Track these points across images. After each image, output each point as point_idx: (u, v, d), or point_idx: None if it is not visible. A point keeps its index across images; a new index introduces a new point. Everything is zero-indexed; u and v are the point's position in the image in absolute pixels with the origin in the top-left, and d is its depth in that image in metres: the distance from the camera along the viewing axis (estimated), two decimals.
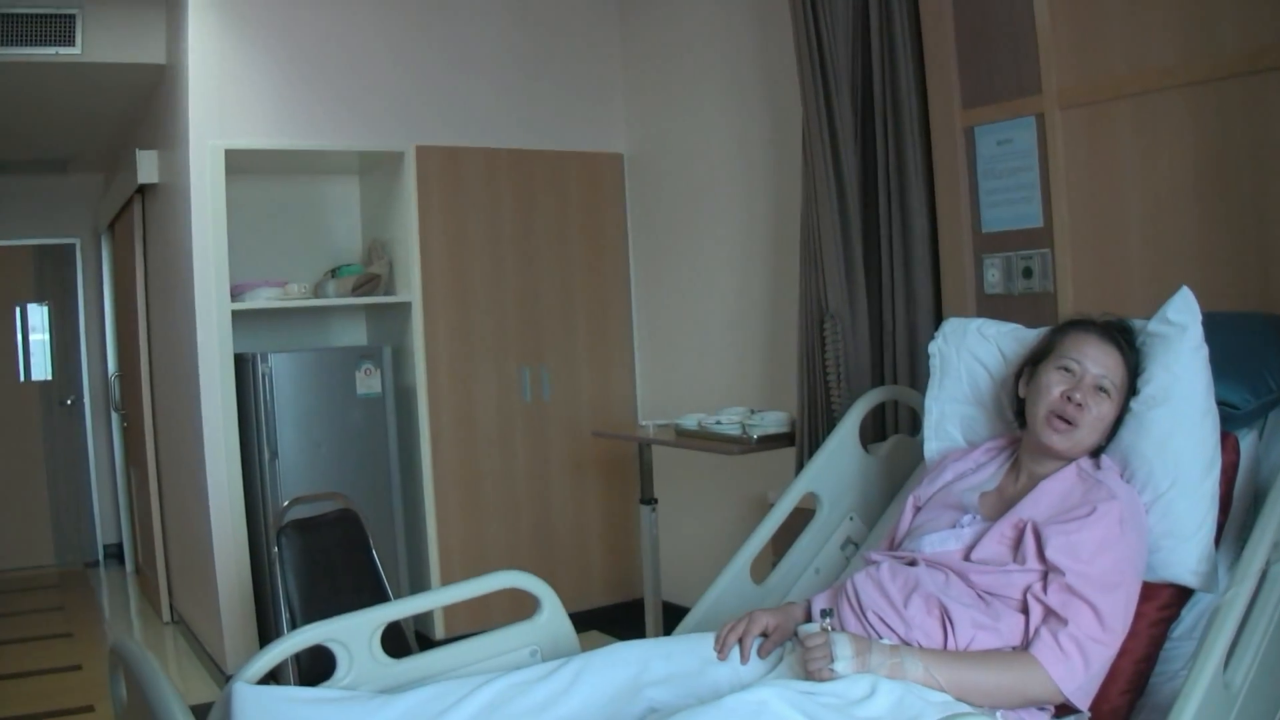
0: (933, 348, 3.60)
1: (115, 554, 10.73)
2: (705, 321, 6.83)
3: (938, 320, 4.64)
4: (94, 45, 6.84)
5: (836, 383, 4.87)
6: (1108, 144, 4.08)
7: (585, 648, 3.11)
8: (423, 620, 6.82)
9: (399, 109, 6.83)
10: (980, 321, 3.55)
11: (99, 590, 9.77)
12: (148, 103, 7.80)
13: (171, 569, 8.16)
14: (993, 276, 4.44)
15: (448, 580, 6.74)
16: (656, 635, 5.66)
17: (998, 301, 4.41)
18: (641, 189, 7.42)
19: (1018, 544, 2.79)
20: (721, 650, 2.89)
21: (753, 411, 5.50)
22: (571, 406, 7.31)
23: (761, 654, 2.88)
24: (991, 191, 4.45)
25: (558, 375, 7.23)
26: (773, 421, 5.25)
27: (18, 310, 10.87)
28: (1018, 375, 3.15)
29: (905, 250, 4.76)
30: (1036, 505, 2.84)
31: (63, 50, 6.75)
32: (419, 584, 6.86)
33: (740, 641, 2.89)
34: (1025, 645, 2.66)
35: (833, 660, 2.58)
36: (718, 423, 5.39)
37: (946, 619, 2.71)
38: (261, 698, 2.63)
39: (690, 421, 5.60)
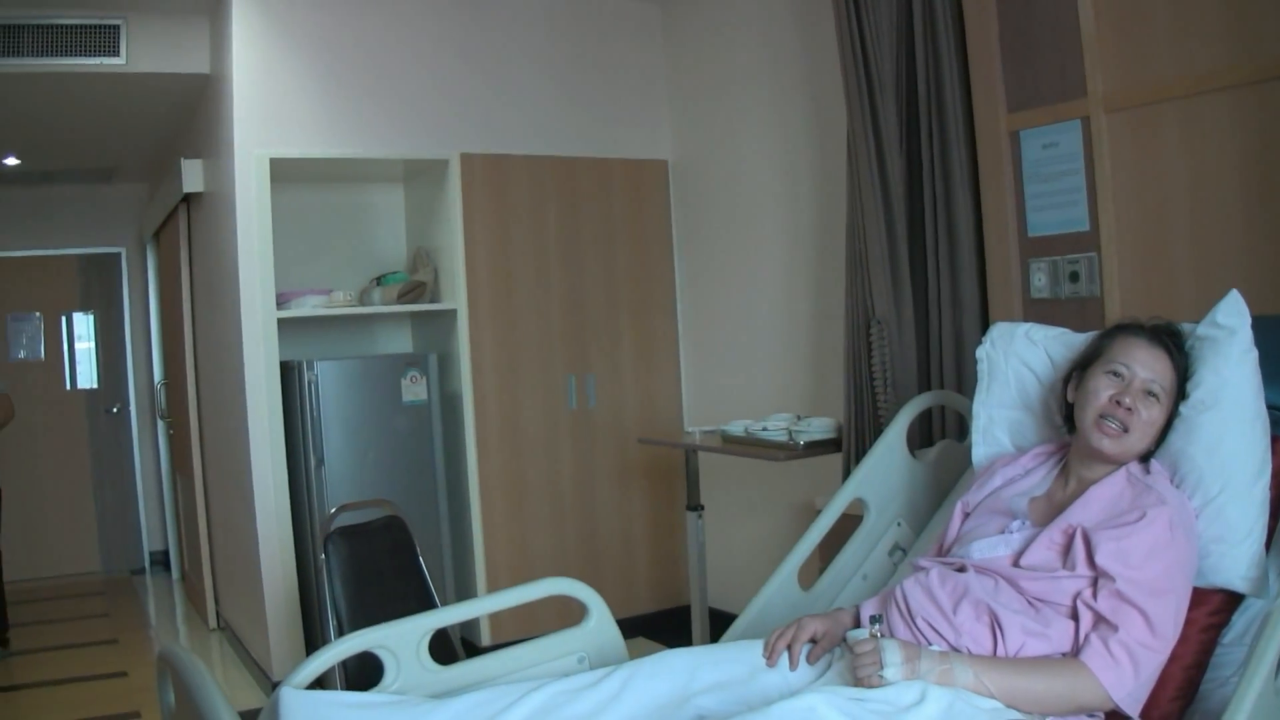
0: (980, 353, 3.58)
1: (161, 561, 10.80)
2: (751, 327, 6.81)
3: (984, 325, 4.62)
4: (138, 55, 6.88)
5: (883, 388, 4.86)
6: (1154, 147, 4.05)
7: (631, 655, 3.11)
8: (469, 627, 6.83)
9: (443, 117, 6.84)
10: (1028, 326, 3.53)
11: (145, 597, 9.83)
12: (192, 112, 7.84)
13: (217, 575, 8.20)
14: (1039, 281, 4.41)
15: (494, 587, 6.75)
16: (703, 642, 5.67)
17: (1044, 306, 4.39)
18: (686, 195, 7.41)
19: (1067, 550, 2.77)
20: (771, 656, 2.88)
21: (799, 418, 5.48)
22: (617, 413, 7.30)
23: (810, 660, 2.86)
24: (1037, 195, 4.42)
25: (603, 382, 7.22)
26: (819, 428, 5.23)
27: (64, 319, 10.94)
28: (1066, 380, 3.13)
29: (951, 255, 4.74)
30: (1086, 511, 2.82)
31: (107, 61, 6.80)
32: (465, 591, 6.87)
33: (789, 648, 2.88)
34: (1075, 652, 2.64)
35: (882, 667, 2.56)
36: (764, 429, 5.35)
37: (996, 625, 2.70)
38: (309, 703, 2.63)
39: (737, 428, 5.57)
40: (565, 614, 3.32)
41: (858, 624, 2.94)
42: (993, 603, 2.73)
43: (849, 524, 3.83)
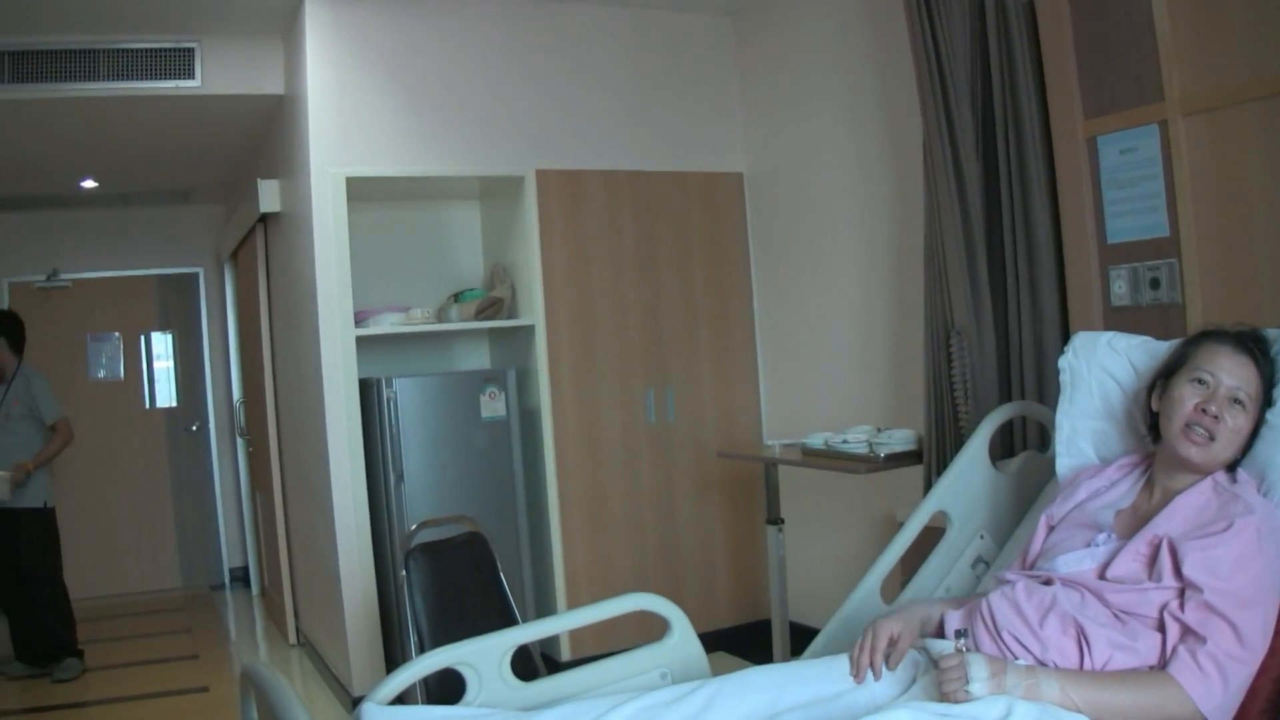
0: (1063, 362, 3.56)
1: (241, 577, 10.91)
2: (829, 339, 6.78)
3: (1064, 334, 4.59)
4: (213, 78, 6.97)
5: (964, 399, 4.81)
6: (1233, 150, 4.00)
7: (712, 670, 3.11)
8: (548, 641, 6.82)
9: (518, 133, 6.87)
10: (1111, 335, 3.51)
11: (225, 613, 9.91)
12: (267, 133, 7.92)
13: (297, 591, 8.26)
14: (1119, 288, 4.37)
15: (574, 602, 6.77)
16: (784, 656, 5.67)
17: (1125, 314, 4.34)
18: (762, 207, 7.39)
19: (1153, 561, 2.74)
20: (857, 674, 2.86)
21: (879, 429, 5.45)
22: (696, 427, 7.28)
23: (890, 666, 2.85)
24: (1116, 201, 4.38)
25: (682, 396, 7.21)
26: (900, 439, 5.20)
27: (143, 339, 11.06)
28: (1150, 389, 3.10)
29: (1030, 263, 4.70)
30: (1172, 521, 2.80)
31: (183, 83, 6.89)
32: (545, 606, 6.88)
33: (873, 661, 2.87)
34: (1162, 665, 2.61)
35: (968, 681, 2.54)
36: (844, 441, 5.32)
37: (1082, 638, 2.68)
38: (393, 718, 2.65)
39: (817, 440, 5.54)
40: (644, 628, 3.32)
41: (941, 634, 2.94)
42: (1079, 616, 2.71)
43: (931, 536, 3.81)
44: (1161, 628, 2.65)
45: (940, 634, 2.95)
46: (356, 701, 2.74)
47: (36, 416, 7.85)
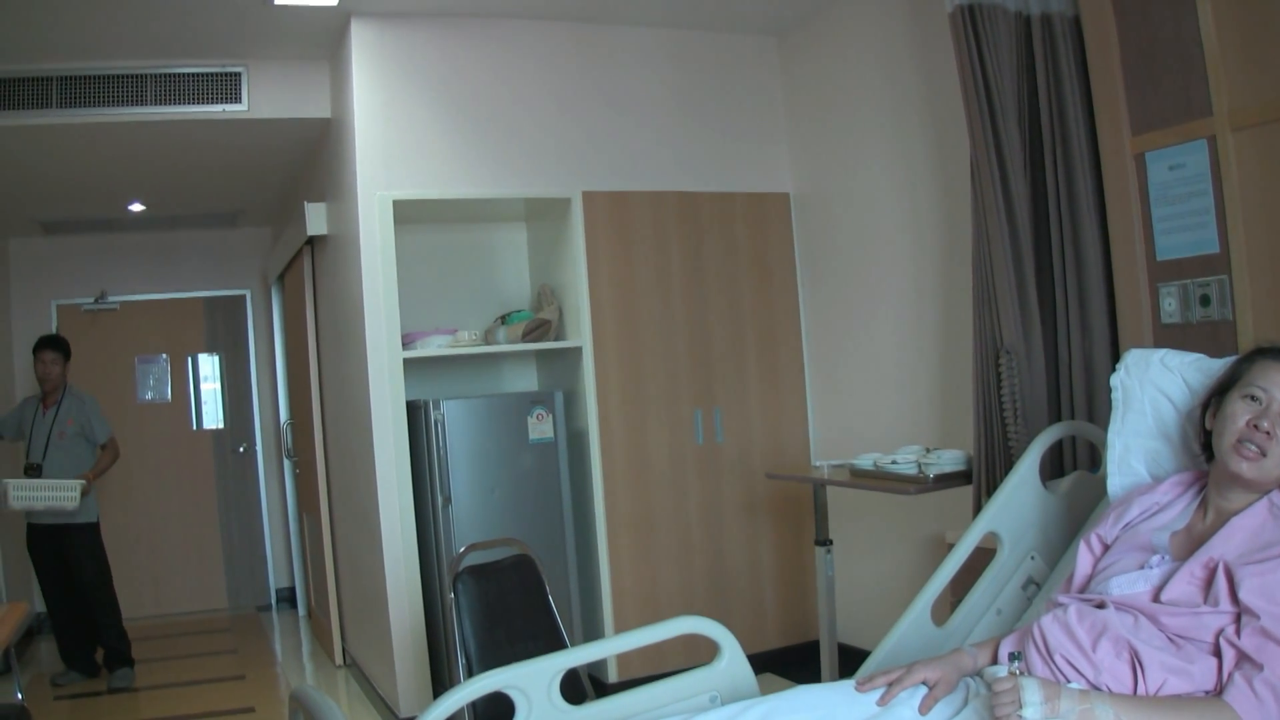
0: (1115, 380, 3.53)
1: (287, 598, 10.96)
2: (878, 359, 6.76)
3: (1114, 352, 4.56)
4: (260, 102, 7.03)
5: (1013, 419, 4.78)
6: None
7: (761, 692, 3.09)
8: (596, 663, 6.80)
9: (564, 155, 6.88)
10: (1163, 352, 3.49)
11: (271, 633, 9.95)
12: (314, 156, 7.97)
13: (344, 613, 8.27)
14: (1169, 306, 4.34)
15: (621, 623, 6.76)
16: (832, 678, 5.63)
17: (1175, 331, 4.30)
18: (809, 228, 7.38)
19: (1208, 584, 2.71)
20: (864, 685, 2.89)
21: (929, 450, 5.41)
22: (744, 448, 7.26)
23: (922, 710, 2.83)
24: (1165, 218, 4.34)
25: (730, 417, 7.19)
26: (949, 460, 5.15)
27: (190, 361, 11.14)
28: (1204, 407, 3.08)
29: (1079, 281, 4.68)
30: (1228, 544, 2.77)
31: (230, 107, 6.95)
32: (592, 628, 6.88)
33: (890, 690, 2.86)
34: (1218, 690, 2.58)
35: (1021, 706, 2.51)
36: (893, 462, 5.27)
37: (1136, 662, 2.64)
38: None
39: (866, 461, 5.49)
40: (692, 649, 3.32)
41: (994, 660, 2.92)
42: (1133, 639, 2.68)
43: (981, 558, 3.79)
44: (1217, 652, 2.62)
45: (993, 660, 2.94)
46: None
47: (88, 436, 8.14)
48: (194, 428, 11.15)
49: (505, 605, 4.87)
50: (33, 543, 8.19)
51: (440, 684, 6.44)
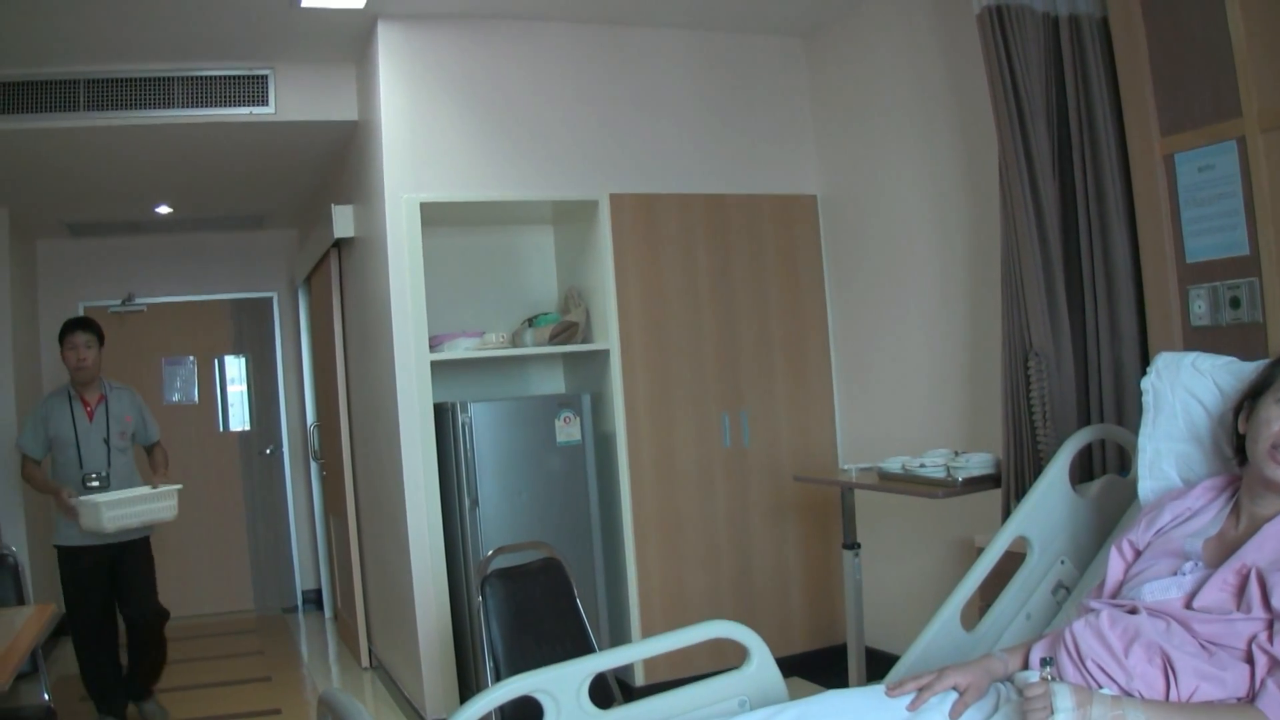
0: (1145, 384, 3.51)
1: (314, 600, 10.99)
2: (906, 362, 6.74)
3: (1144, 355, 4.55)
4: (287, 104, 7.04)
5: (1043, 422, 4.75)
6: None
7: (790, 696, 3.09)
8: (623, 667, 6.78)
9: (591, 158, 6.88)
10: (1195, 355, 3.46)
11: (298, 635, 9.98)
12: (341, 159, 7.98)
13: (370, 615, 8.27)
14: (1199, 308, 4.31)
15: (648, 627, 6.75)
16: (859, 682, 5.63)
17: (1205, 334, 4.27)
18: (836, 229, 7.36)
19: (1241, 591, 2.69)
20: (894, 690, 2.86)
21: (957, 453, 5.38)
22: (772, 451, 7.25)
23: (953, 715, 2.80)
24: (1194, 220, 4.32)
25: (757, 420, 7.18)
26: (978, 463, 5.12)
27: (217, 363, 11.18)
28: (1237, 410, 3.06)
29: (1108, 283, 4.66)
30: (1261, 550, 2.74)
31: (257, 110, 6.97)
32: (619, 631, 6.88)
33: (920, 695, 2.85)
34: (1251, 697, 2.55)
35: (1053, 712, 2.49)
36: (921, 465, 5.26)
37: (1169, 668, 2.62)
38: None
39: (894, 464, 5.47)
40: (719, 653, 3.30)
41: (1025, 665, 2.91)
42: (1165, 645, 2.66)
43: (1011, 562, 3.77)
44: (1250, 659, 2.60)
45: (1024, 665, 2.93)
46: None
47: (137, 434, 7.49)
48: (221, 430, 11.19)
49: (533, 608, 4.87)
50: (84, 568, 7.05)
51: (467, 687, 6.44)
